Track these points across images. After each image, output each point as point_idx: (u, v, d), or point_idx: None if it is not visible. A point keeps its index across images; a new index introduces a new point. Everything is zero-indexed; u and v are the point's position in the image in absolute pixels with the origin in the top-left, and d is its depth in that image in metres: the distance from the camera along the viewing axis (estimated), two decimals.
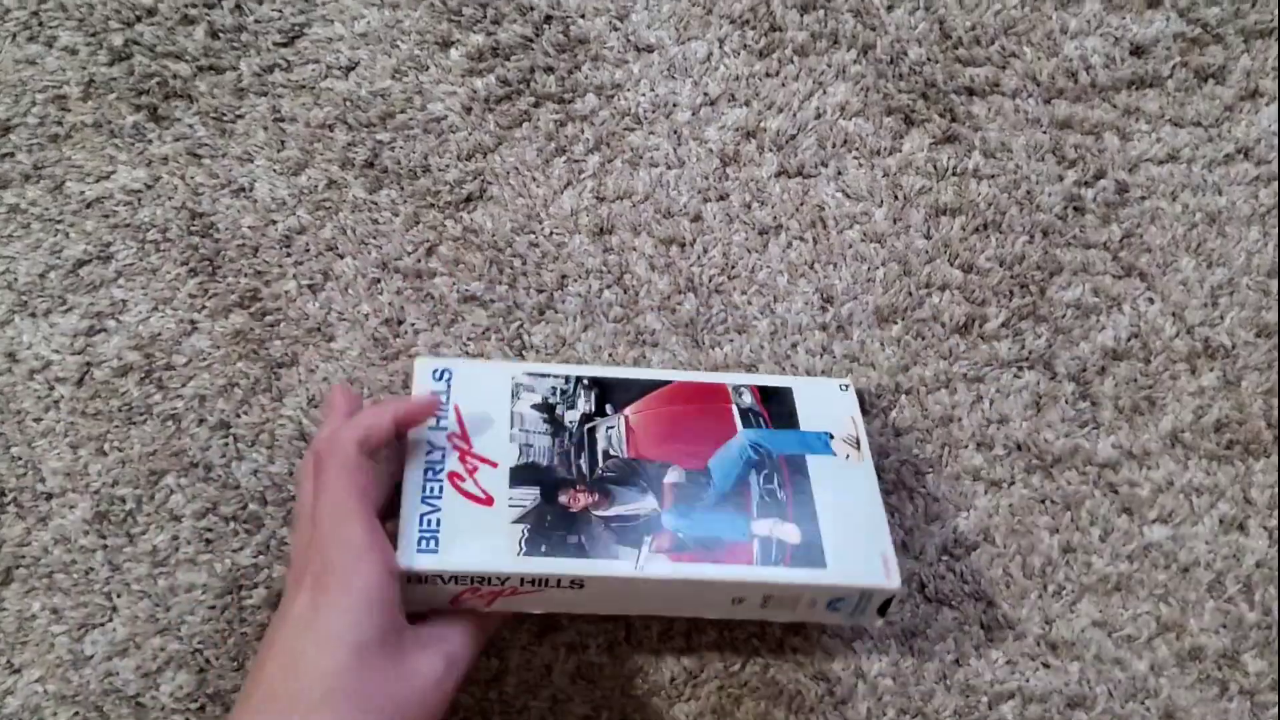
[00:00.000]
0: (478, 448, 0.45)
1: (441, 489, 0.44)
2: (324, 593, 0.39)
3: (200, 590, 0.50)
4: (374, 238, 0.55)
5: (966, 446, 0.54)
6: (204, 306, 0.54)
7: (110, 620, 0.50)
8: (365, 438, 0.42)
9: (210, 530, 0.51)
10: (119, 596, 0.50)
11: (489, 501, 0.44)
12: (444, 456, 0.45)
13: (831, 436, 0.48)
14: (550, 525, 0.43)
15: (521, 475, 0.45)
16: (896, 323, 0.55)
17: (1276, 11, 0.57)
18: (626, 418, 0.47)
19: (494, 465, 0.45)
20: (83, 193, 0.56)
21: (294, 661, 0.38)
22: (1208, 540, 0.53)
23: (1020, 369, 0.55)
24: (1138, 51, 0.57)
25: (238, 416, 0.53)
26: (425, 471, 0.44)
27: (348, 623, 0.38)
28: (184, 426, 0.53)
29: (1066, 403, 0.54)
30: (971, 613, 0.52)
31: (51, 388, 0.53)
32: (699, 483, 0.45)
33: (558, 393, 0.48)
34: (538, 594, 0.43)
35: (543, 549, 0.43)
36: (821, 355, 0.54)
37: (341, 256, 0.55)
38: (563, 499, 0.44)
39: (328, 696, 0.37)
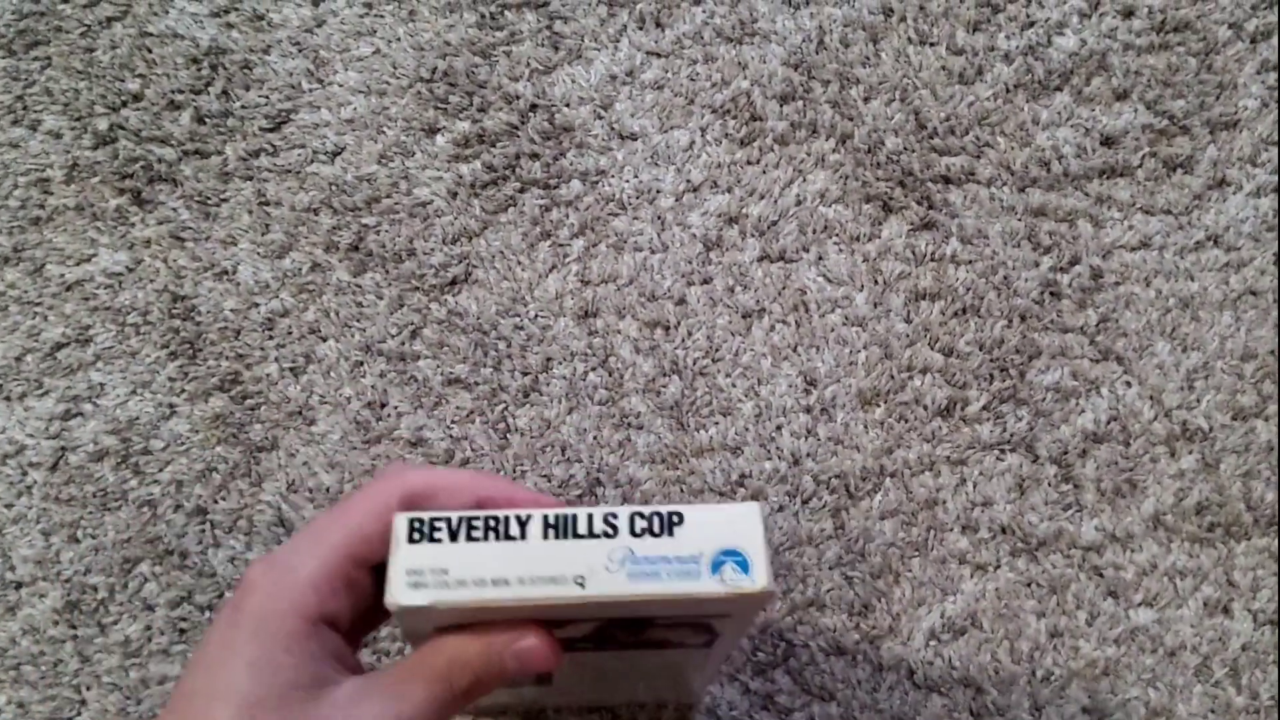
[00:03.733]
0: None
1: None
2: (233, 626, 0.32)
3: (173, 682, 0.49)
4: (358, 321, 0.55)
5: (951, 530, 0.54)
6: (183, 390, 0.54)
7: (79, 715, 0.48)
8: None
9: (185, 620, 0.50)
10: (88, 689, 0.48)
11: None
12: None
13: None
14: None
15: None
16: (879, 405, 0.55)
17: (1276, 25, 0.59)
18: None
19: None
20: (63, 275, 0.55)
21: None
22: (1193, 624, 0.53)
23: (1002, 452, 0.55)
24: (1108, 142, 0.58)
25: (215, 502, 0.52)
26: None
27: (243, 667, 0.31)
28: (160, 513, 0.52)
29: (1049, 485, 0.55)
30: (961, 699, 0.51)
31: (25, 473, 0.52)
32: None
33: None
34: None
35: None
36: (806, 438, 0.54)
37: (324, 339, 0.55)
38: None
39: None
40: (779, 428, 0.55)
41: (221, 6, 0.59)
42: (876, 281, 0.57)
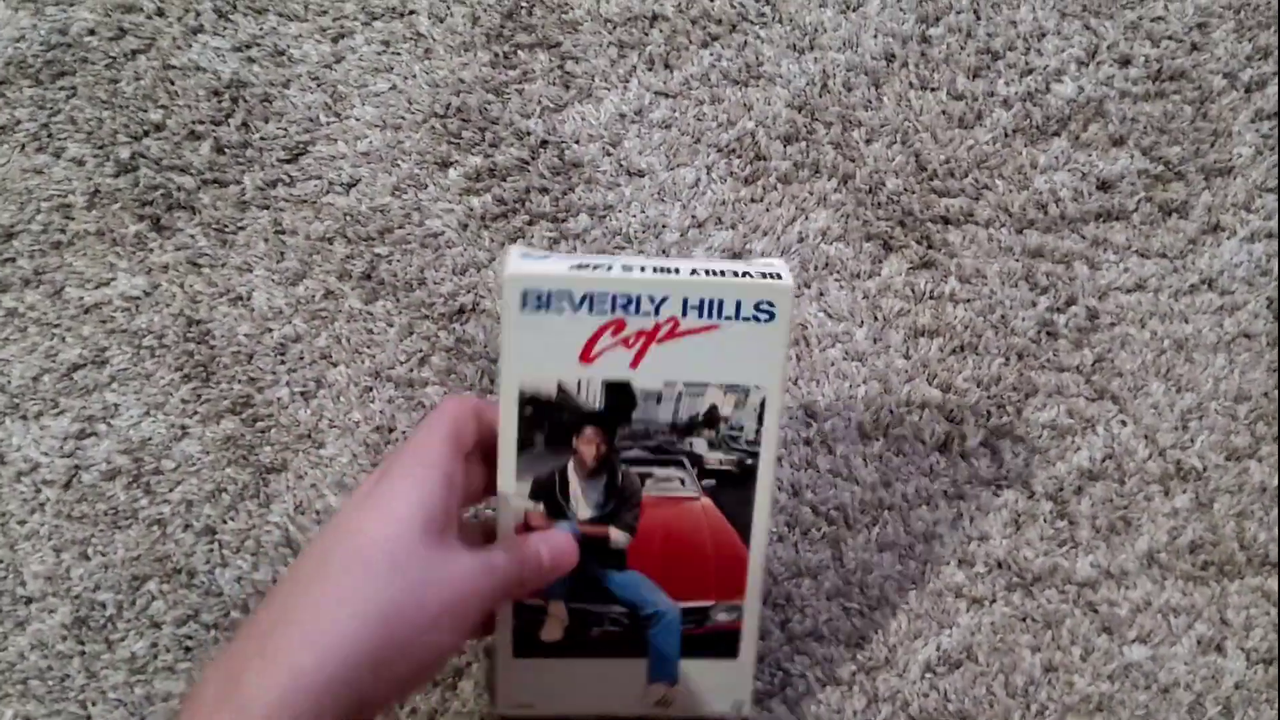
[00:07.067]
0: None
1: None
2: (386, 478, 0.39)
3: (177, 700, 0.49)
4: (368, 347, 0.56)
5: (948, 563, 0.55)
6: (196, 412, 0.55)
7: None
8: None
9: (190, 638, 0.51)
10: (94, 705, 0.49)
11: None
12: None
13: None
14: None
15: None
16: (878, 439, 0.56)
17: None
18: None
19: None
20: (81, 298, 0.57)
21: (353, 531, 0.38)
22: (1186, 661, 0.54)
23: (999, 487, 0.56)
24: (1104, 186, 0.60)
25: (224, 522, 0.53)
26: None
27: (408, 502, 0.38)
28: (169, 532, 0.53)
29: (1045, 521, 0.55)
30: None
31: (38, 490, 0.53)
32: None
33: None
34: None
35: None
36: (806, 469, 0.55)
37: (335, 365, 0.56)
38: None
39: (392, 561, 0.37)
40: (779, 459, 0.56)
41: (243, 41, 0.60)
42: (876, 318, 0.58)
